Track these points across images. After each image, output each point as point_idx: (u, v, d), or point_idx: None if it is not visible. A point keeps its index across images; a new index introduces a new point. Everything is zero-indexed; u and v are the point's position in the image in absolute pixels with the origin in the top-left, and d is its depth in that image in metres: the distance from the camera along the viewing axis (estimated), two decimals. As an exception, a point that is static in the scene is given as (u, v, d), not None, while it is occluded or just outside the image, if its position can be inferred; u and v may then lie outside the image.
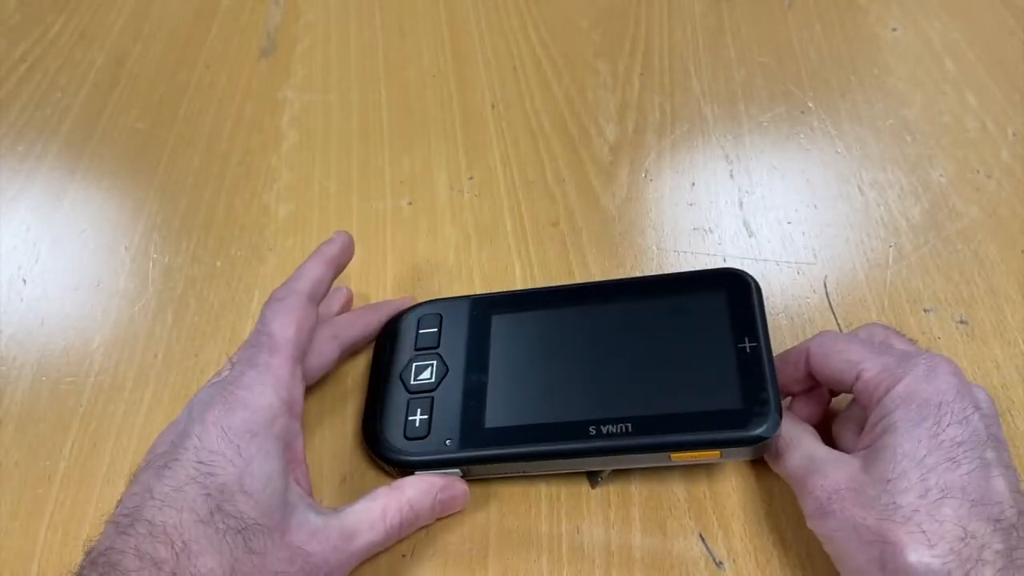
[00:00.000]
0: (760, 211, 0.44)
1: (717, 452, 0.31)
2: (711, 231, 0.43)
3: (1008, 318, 0.38)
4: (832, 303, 0.40)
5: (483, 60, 0.55)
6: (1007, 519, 0.26)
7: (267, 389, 0.31)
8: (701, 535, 0.34)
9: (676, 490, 0.35)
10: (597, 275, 0.43)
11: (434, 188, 0.48)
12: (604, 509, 0.35)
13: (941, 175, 0.44)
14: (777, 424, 0.30)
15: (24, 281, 0.46)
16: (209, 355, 0.42)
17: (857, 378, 0.30)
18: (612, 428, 0.32)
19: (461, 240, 0.45)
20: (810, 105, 0.48)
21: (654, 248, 0.43)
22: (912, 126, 0.46)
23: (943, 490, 0.26)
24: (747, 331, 0.33)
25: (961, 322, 0.38)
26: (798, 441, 0.32)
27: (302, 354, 0.34)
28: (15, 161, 0.52)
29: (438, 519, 0.35)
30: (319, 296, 0.36)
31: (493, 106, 0.52)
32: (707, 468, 0.35)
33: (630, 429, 0.32)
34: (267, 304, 0.34)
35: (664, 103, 0.50)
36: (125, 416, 0.40)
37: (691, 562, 0.33)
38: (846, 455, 0.30)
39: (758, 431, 0.30)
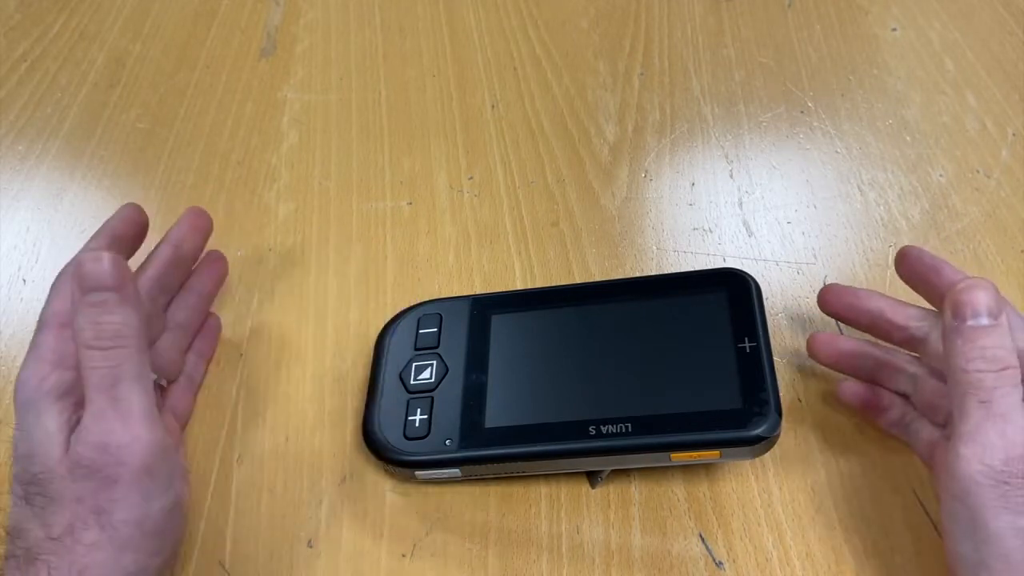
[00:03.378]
0: (760, 211, 0.44)
1: (717, 452, 0.31)
2: (711, 231, 0.43)
3: (1008, 318, 0.38)
4: (832, 303, 0.40)
5: (483, 60, 0.55)
6: None
7: (35, 362, 0.32)
8: (701, 535, 0.34)
9: (676, 490, 0.35)
10: (597, 275, 0.43)
11: (434, 188, 0.48)
12: (604, 509, 0.35)
13: (941, 175, 0.44)
14: (777, 424, 0.30)
15: (24, 281, 0.46)
16: (209, 355, 0.42)
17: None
18: (612, 428, 0.32)
19: (461, 240, 0.45)
20: (810, 105, 0.48)
21: (654, 248, 0.43)
22: (912, 126, 0.46)
23: None
24: (747, 331, 0.33)
25: (961, 322, 0.38)
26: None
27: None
28: (15, 161, 0.52)
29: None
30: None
31: (493, 106, 0.52)
32: (707, 468, 0.35)
33: (630, 429, 0.32)
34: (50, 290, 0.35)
35: (664, 103, 0.50)
36: (125, 416, 0.40)
37: (691, 562, 0.33)
38: None
39: (758, 431, 0.30)
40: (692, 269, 0.38)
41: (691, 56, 0.52)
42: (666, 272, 0.42)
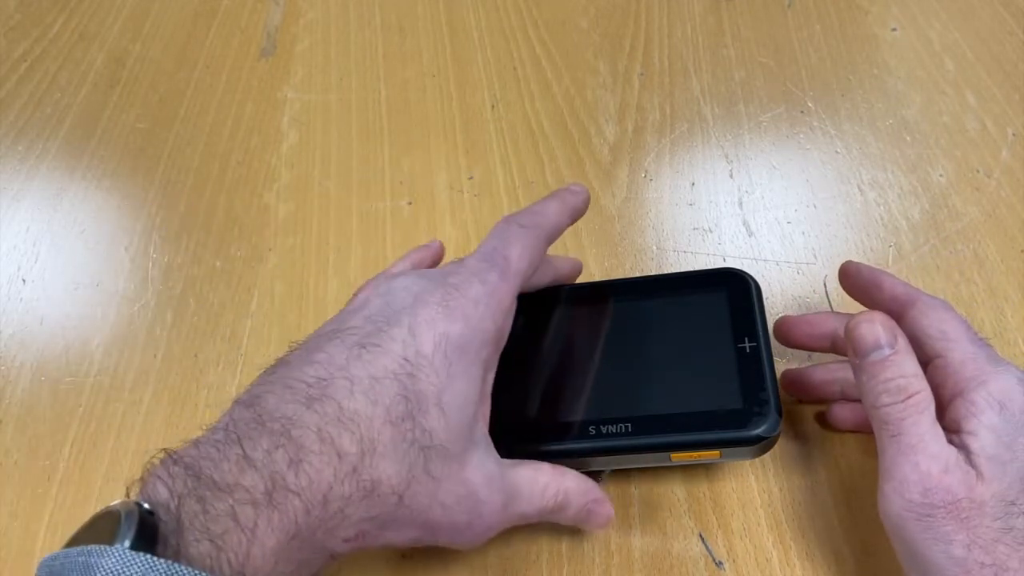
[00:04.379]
0: (760, 211, 0.44)
1: (717, 452, 0.31)
2: (711, 231, 0.43)
3: (1008, 318, 0.38)
4: (832, 303, 0.40)
5: (483, 60, 0.55)
6: None
7: (489, 311, 0.28)
8: (701, 535, 0.34)
9: (676, 490, 0.35)
10: (597, 275, 0.43)
11: (434, 188, 0.48)
12: (604, 509, 0.35)
13: (941, 175, 0.44)
14: (777, 424, 0.30)
15: (24, 281, 0.46)
16: (209, 355, 0.42)
17: (941, 356, 0.29)
18: (612, 428, 0.32)
19: (461, 240, 0.45)
20: (810, 105, 0.48)
21: (654, 248, 0.43)
22: (912, 126, 0.46)
23: None
24: (747, 331, 0.33)
25: (961, 322, 0.38)
26: (923, 407, 0.28)
27: (520, 290, 0.31)
28: (15, 161, 0.52)
29: (571, 525, 0.33)
30: (553, 241, 0.33)
31: (493, 106, 0.52)
32: (707, 468, 0.35)
33: (630, 429, 0.32)
34: (508, 227, 0.31)
35: (664, 103, 0.50)
36: (125, 416, 0.40)
37: (691, 562, 0.33)
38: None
39: (758, 431, 0.30)
40: (692, 269, 0.38)
41: (691, 56, 0.52)
42: (666, 272, 0.42)
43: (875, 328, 0.29)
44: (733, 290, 0.34)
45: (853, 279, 0.34)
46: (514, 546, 0.34)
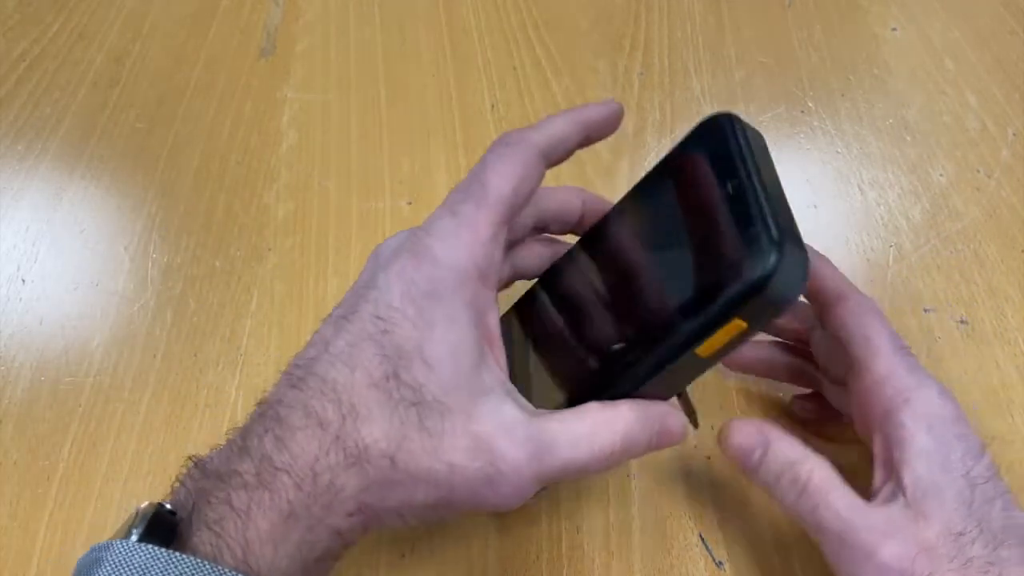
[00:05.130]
0: (760, 211, 0.44)
1: (742, 323, 0.25)
2: (711, 231, 0.43)
3: (1008, 318, 0.38)
4: (832, 303, 0.40)
5: (483, 60, 0.55)
6: None
7: (460, 245, 0.26)
8: (701, 535, 0.34)
9: (676, 490, 0.35)
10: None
11: (434, 188, 0.48)
12: (604, 509, 0.35)
13: (941, 175, 0.44)
14: (779, 259, 0.24)
15: (23, 281, 0.46)
16: (208, 355, 0.42)
17: (864, 367, 0.29)
18: (627, 359, 0.27)
19: (461, 240, 0.45)
20: (810, 105, 0.48)
21: (654, 248, 0.43)
22: (912, 126, 0.46)
23: (995, 534, 0.25)
24: (728, 172, 0.26)
25: (961, 322, 0.38)
26: (826, 487, 0.27)
27: (513, 215, 0.27)
28: (14, 160, 0.52)
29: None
30: (555, 156, 0.29)
31: (493, 106, 0.52)
32: (706, 468, 0.35)
33: (642, 350, 0.27)
34: (493, 147, 0.28)
35: (664, 103, 0.50)
36: (124, 416, 0.40)
37: (691, 562, 0.33)
38: (881, 505, 0.27)
39: (763, 271, 0.23)
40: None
41: (691, 56, 0.52)
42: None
43: (740, 436, 0.29)
44: (710, 141, 0.28)
45: None
46: (514, 546, 0.34)
